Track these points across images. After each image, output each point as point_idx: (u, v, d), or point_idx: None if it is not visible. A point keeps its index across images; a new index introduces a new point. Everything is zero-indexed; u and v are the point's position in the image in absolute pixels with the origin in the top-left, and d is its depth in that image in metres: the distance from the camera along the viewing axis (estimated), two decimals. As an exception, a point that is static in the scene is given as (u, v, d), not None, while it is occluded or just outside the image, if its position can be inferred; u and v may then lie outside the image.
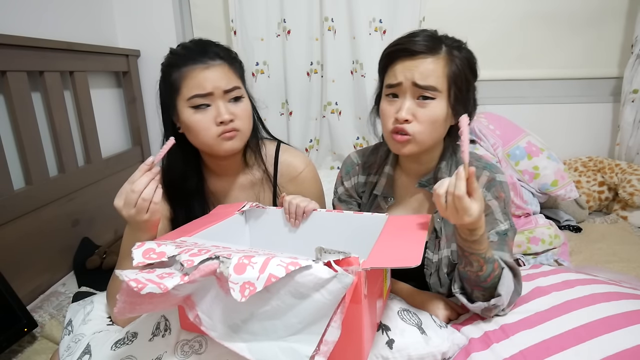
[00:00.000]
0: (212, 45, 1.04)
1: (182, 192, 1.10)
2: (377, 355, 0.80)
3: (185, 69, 0.98)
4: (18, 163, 1.38)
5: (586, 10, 2.15)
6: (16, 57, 1.33)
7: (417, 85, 0.91)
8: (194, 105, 0.99)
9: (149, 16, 2.08)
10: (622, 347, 0.77)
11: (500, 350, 0.83)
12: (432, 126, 0.93)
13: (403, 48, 0.93)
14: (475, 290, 0.92)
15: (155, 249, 0.69)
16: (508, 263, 0.92)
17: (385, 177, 1.09)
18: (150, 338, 0.83)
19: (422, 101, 0.92)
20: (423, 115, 0.92)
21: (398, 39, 0.96)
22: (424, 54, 0.91)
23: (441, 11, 2.18)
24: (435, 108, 0.92)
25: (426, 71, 0.90)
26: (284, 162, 1.17)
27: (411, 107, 0.93)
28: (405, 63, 0.92)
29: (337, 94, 2.23)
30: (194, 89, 0.98)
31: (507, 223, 0.97)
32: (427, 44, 0.91)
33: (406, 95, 0.93)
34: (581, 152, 2.27)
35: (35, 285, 1.38)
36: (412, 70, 0.91)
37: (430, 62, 0.91)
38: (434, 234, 1.03)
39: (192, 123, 0.99)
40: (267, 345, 0.65)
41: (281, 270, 0.60)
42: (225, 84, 1.00)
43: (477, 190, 0.77)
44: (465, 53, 0.95)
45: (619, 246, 1.66)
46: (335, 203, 1.19)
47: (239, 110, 1.02)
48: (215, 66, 0.99)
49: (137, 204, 0.83)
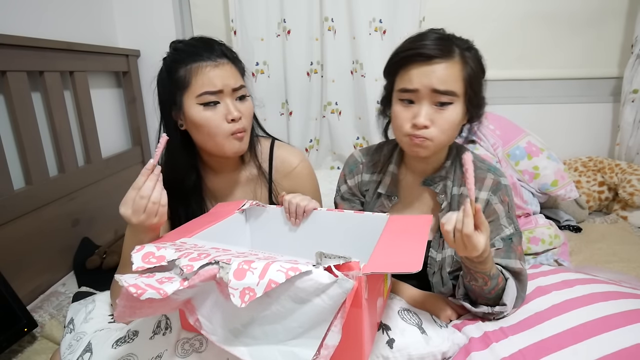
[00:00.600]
0: (217, 43, 1.05)
1: (180, 190, 1.10)
2: (378, 355, 0.81)
3: (195, 65, 0.98)
4: (18, 163, 1.38)
5: (586, 10, 2.14)
6: (16, 57, 1.33)
7: (437, 91, 0.89)
8: (204, 102, 0.99)
9: (149, 16, 2.07)
10: (621, 346, 0.77)
11: (500, 349, 0.83)
12: (450, 130, 0.93)
13: (417, 53, 0.90)
14: (480, 299, 0.93)
15: (154, 253, 0.69)
16: (514, 270, 0.93)
17: (389, 175, 1.09)
18: (151, 336, 0.83)
19: (440, 107, 0.91)
20: (442, 120, 0.91)
21: (409, 42, 0.94)
22: (438, 58, 0.89)
23: (441, 11, 2.17)
24: (454, 112, 0.91)
25: (444, 76, 0.89)
26: (278, 158, 1.18)
27: (429, 112, 0.91)
28: (422, 68, 0.90)
29: (337, 94, 2.23)
30: (204, 85, 0.98)
31: (512, 227, 0.97)
32: (441, 47, 0.89)
33: (423, 101, 0.91)
34: (581, 152, 2.27)
35: (35, 285, 1.38)
36: (429, 76, 0.89)
37: (447, 67, 0.89)
38: (438, 233, 1.03)
39: (203, 120, 1.00)
40: (268, 349, 0.65)
41: (281, 275, 0.60)
42: (234, 82, 1.01)
43: (484, 223, 0.78)
44: (475, 53, 0.95)
45: (619, 246, 1.66)
46: (337, 201, 1.18)
47: (244, 108, 1.04)
48: (224, 64, 1.01)
49: (147, 208, 0.82)
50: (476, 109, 0.96)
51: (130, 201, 0.82)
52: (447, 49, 0.89)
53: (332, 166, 2.42)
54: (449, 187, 1.02)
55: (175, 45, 1.06)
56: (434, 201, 1.06)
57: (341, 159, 2.38)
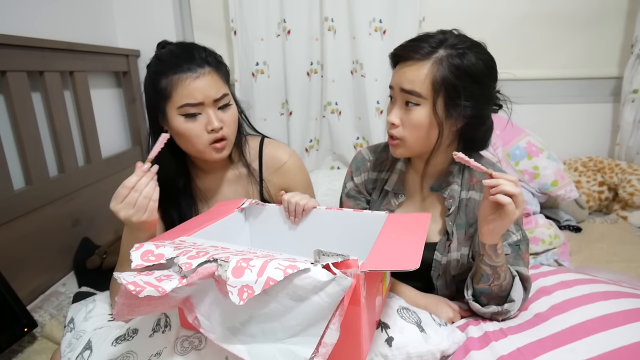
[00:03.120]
0: (199, 50, 1.04)
1: (171, 190, 1.11)
2: (377, 353, 0.81)
3: (175, 77, 0.99)
4: (18, 163, 1.38)
5: (586, 10, 2.14)
6: (16, 57, 1.33)
7: (404, 90, 0.92)
8: (185, 114, 1.00)
9: (149, 16, 2.07)
10: (619, 344, 0.77)
11: (499, 348, 0.83)
12: (417, 132, 0.93)
13: (397, 53, 0.95)
14: (492, 300, 0.93)
15: (153, 251, 0.69)
16: (522, 276, 0.94)
17: (397, 173, 1.09)
18: (150, 334, 0.84)
19: (407, 107, 0.93)
20: (407, 120, 0.94)
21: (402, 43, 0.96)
22: (413, 59, 0.91)
23: (441, 11, 2.17)
24: (419, 113, 0.92)
25: (411, 77, 0.91)
26: (268, 155, 1.19)
27: (399, 111, 0.95)
28: (399, 67, 0.94)
29: (337, 94, 2.24)
30: (184, 98, 0.99)
31: (519, 234, 0.97)
32: (412, 48, 0.91)
33: (398, 100, 0.95)
34: (581, 152, 2.27)
35: (35, 285, 1.38)
36: (400, 75, 0.93)
37: (416, 68, 0.90)
38: (444, 236, 1.02)
39: (184, 130, 1.01)
40: (266, 347, 0.65)
41: (279, 273, 0.60)
42: (215, 93, 1.01)
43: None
44: (467, 59, 0.89)
45: (619, 246, 1.67)
46: (343, 199, 1.18)
47: (227, 117, 1.05)
48: (205, 74, 1.00)
49: (137, 202, 0.85)
50: (456, 114, 0.92)
51: (120, 196, 0.85)
52: (417, 50, 0.90)
53: (332, 166, 2.42)
54: (457, 191, 1.01)
55: (158, 53, 1.06)
56: (442, 205, 1.05)
57: (341, 159, 2.38)
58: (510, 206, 0.78)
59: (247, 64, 2.15)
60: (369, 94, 2.16)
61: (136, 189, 0.85)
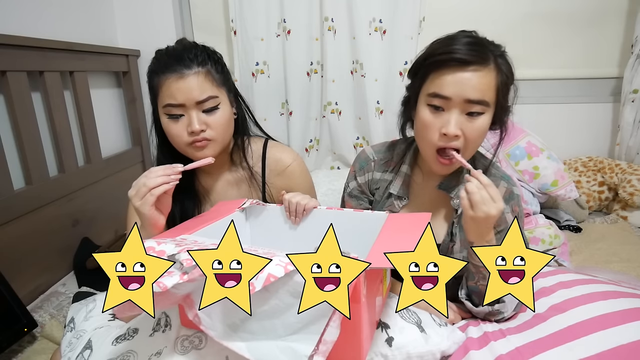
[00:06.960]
0: (190, 50, 1.02)
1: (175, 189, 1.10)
2: (377, 353, 0.80)
3: (163, 77, 0.99)
4: (18, 163, 1.38)
5: (586, 10, 2.15)
6: (16, 57, 1.33)
7: (470, 101, 0.86)
8: (168, 114, 1.01)
9: (149, 16, 2.08)
10: (617, 343, 0.77)
11: (498, 347, 0.84)
12: (480, 139, 0.91)
13: (451, 57, 0.86)
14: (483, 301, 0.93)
15: (154, 248, 0.69)
16: None
17: (402, 176, 1.07)
18: (150, 333, 0.83)
19: (470, 117, 0.88)
20: (472, 130, 0.88)
21: (441, 45, 0.90)
22: (473, 65, 0.85)
23: (441, 11, 2.17)
24: (484, 122, 0.89)
25: (478, 85, 0.85)
26: (271, 158, 1.18)
27: (460, 121, 0.88)
28: (456, 75, 0.86)
29: (337, 94, 2.23)
30: (166, 98, 1.00)
31: None
32: (476, 53, 0.85)
33: (454, 110, 0.88)
34: (581, 152, 2.27)
35: (35, 285, 1.38)
36: (464, 84, 0.85)
37: (482, 75, 0.86)
38: (448, 237, 1.02)
39: (167, 130, 1.04)
40: (266, 344, 0.65)
41: (280, 270, 0.60)
42: (199, 95, 0.99)
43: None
44: (507, 59, 0.91)
45: (619, 246, 1.67)
46: (345, 198, 1.16)
47: (212, 120, 1.02)
48: (190, 75, 0.99)
49: (139, 189, 0.86)
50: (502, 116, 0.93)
51: (136, 186, 0.87)
52: (482, 55, 0.86)
53: (332, 166, 2.42)
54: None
55: (157, 52, 1.07)
56: (448, 206, 1.04)
57: (341, 159, 2.38)
58: (464, 201, 0.82)
59: (247, 64, 2.15)
60: (369, 94, 2.16)
61: (146, 174, 0.86)
